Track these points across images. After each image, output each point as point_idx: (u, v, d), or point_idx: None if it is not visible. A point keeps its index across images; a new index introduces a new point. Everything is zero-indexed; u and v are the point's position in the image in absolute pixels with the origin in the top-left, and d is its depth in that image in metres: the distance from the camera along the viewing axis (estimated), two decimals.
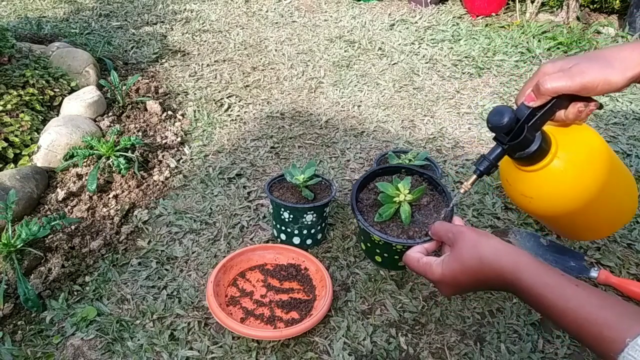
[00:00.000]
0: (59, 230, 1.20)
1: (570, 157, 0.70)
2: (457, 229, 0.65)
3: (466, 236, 0.62)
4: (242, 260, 1.10)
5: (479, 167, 0.68)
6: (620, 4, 2.37)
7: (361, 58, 2.13)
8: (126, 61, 2.09)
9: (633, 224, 1.22)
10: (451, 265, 0.62)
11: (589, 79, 0.60)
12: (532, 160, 0.69)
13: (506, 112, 0.64)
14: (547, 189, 0.71)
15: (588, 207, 0.72)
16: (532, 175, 0.71)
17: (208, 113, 1.74)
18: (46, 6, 2.67)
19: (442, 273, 0.63)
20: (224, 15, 2.60)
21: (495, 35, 2.27)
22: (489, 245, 0.60)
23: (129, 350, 0.96)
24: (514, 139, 0.65)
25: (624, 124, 1.64)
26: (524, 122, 0.65)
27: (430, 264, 0.66)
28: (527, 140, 0.66)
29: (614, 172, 0.74)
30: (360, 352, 0.95)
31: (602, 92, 0.61)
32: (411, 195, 0.90)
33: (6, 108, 1.43)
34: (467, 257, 0.61)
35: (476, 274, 0.60)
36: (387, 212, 0.92)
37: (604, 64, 0.60)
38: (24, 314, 1.04)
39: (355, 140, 1.60)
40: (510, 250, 0.59)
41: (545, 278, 0.55)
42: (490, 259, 0.59)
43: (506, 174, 0.76)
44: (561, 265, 1.10)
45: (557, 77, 0.62)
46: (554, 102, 0.65)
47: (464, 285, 0.62)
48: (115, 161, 1.35)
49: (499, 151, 0.68)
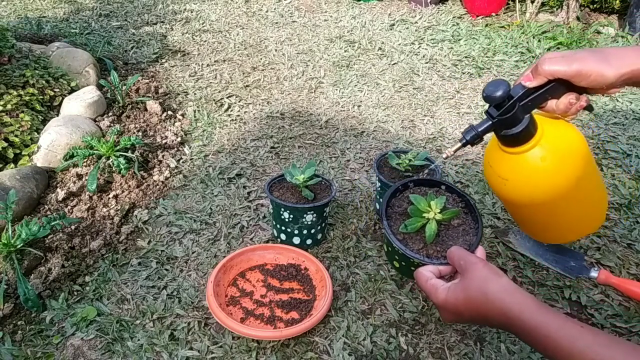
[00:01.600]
0: (59, 230, 1.20)
1: (552, 148, 0.71)
2: (470, 260, 0.65)
3: (477, 269, 0.63)
4: (242, 260, 1.10)
5: (466, 135, 0.71)
6: (620, 4, 2.37)
7: (361, 58, 2.13)
8: (126, 61, 2.09)
9: (633, 224, 1.22)
10: (456, 294, 0.63)
11: (584, 67, 0.63)
12: (515, 141, 0.70)
13: (502, 85, 0.65)
14: (523, 173, 0.73)
15: (558, 203, 0.74)
16: (512, 158, 0.72)
17: (208, 113, 1.74)
18: (46, 6, 2.67)
19: (446, 299, 0.64)
20: (224, 15, 2.60)
21: (495, 35, 2.27)
22: (498, 284, 0.60)
23: (129, 350, 0.96)
24: (504, 114, 0.67)
25: (624, 124, 1.64)
26: (516, 100, 0.67)
27: (436, 287, 0.66)
28: (516, 119, 0.68)
29: (589, 175, 0.76)
30: (360, 352, 0.95)
31: (594, 83, 0.63)
32: (441, 215, 0.87)
33: (6, 108, 1.43)
34: (473, 290, 0.61)
35: (478, 308, 0.60)
36: (413, 225, 0.88)
37: (602, 58, 0.63)
38: (24, 314, 1.04)
39: (355, 140, 1.60)
40: (517, 291, 0.59)
41: (551, 319, 0.55)
42: (496, 297, 0.59)
43: (490, 157, 0.78)
44: (561, 266, 1.10)
45: (555, 60, 0.64)
46: (549, 87, 0.67)
47: (464, 316, 0.63)
48: (115, 161, 1.35)
49: (487, 124, 0.70)
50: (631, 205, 1.28)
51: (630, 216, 1.25)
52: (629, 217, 1.25)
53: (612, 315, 1.01)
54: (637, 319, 0.99)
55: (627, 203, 1.28)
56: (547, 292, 1.06)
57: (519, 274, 1.10)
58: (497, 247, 1.17)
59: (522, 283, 1.08)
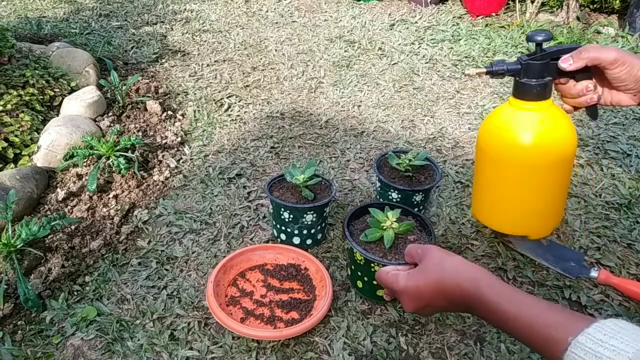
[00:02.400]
0: (59, 230, 1.20)
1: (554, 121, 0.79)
2: (426, 247, 0.69)
3: (433, 252, 0.67)
4: (242, 260, 1.10)
5: (493, 65, 0.79)
6: (620, 4, 2.37)
7: (361, 58, 2.13)
8: (126, 61, 2.09)
9: (633, 223, 1.22)
10: (415, 276, 0.67)
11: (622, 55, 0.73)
12: (526, 94, 0.79)
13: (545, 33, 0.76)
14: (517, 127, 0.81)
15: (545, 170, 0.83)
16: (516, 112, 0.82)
17: (208, 113, 1.74)
18: (46, 6, 2.67)
19: (406, 284, 0.67)
20: (224, 15, 2.60)
21: (495, 35, 2.27)
22: (452, 261, 0.64)
23: (129, 350, 0.96)
24: (533, 60, 0.76)
25: (624, 124, 1.64)
26: (548, 54, 0.77)
27: (396, 275, 0.70)
28: (539, 71, 0.76)
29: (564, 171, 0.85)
30: (360, 352, 0.95)
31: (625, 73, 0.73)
32: (397, 225, 0.96)
33: (6, 108, 1.43)
34: (430, 270, 0.65)
35: (437, 285, 0.63)
36: (373, 235, 0.97)
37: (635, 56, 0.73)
38: (24, 314, 1.04)
39: (355, 140, 1.60)
40: (470, 267, 0.63)
41: (499, 288, 0.58)
42: (451, 272, 0.63)
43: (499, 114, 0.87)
44: (561, 265, 1.10)
45: (597, 48, 0.74)
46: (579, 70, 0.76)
47: (425, 299, 0.65)
48: (115, 161, 1.35)
49: (515, 64, 0.78)
50: (631, 205, 1.28)
51: (630, 216, 1.25)
52: (629, 217, 1.25)
53: (612, 315, 1.01)
54: (637, 319, 0.99)
55: (627, 203, 1.28)
56: (547, 292, 1.06)
57: (519, 274, 1.10)
58: (497, 247, 1.17)
59: (522, 283, 1.08)
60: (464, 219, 1.25)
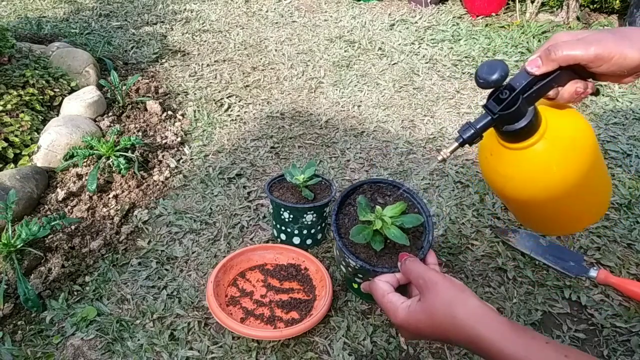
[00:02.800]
0: (59, 230, 1.20)
1: (558, 141, 0.64)
2: (430, 277, 0.59)
3: (440, 289, 0.57)
4: (242, 260, 1.10)
5: (463, 134, 0.62)
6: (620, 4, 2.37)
7: (361, 58, 2.13)
8: (126, 61, 2.09)
9: (633, 223, 1.22)
10: (417, 316, 0.58)
11: (604, 49, 0.55)
12: (518, 136, 0.63)
13: (499, 67, 0.57)
14: (527, 170, 0.66)
15: (565, 197, 0.68)
16: (515, 154, 0.65)
17: (208, 113, 1.74)
18: (46, 6, 2.67)
19: (407, 319, 0.59)
20: (224, 15, 2.60)
21: (495, 35, 2.27)
22: (466, 307, 0.55)
23: (129, 350, 0.96)
24: (506, 109, 0.59)
25: (624, 124, 1.64)
26: (519, 91, 0.59)
27: (396, 305, 0.61)
28: (519, 113, 0.60)
29: (597, 165, 0.70)
30: (360, 352, 0.95)
31: (615, 67, 0.56)
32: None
33: (6, 108, 1.43)
34: (438, 314, 0.56)
35: (445, 332, 0.56)
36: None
37: (621, 37, 0.56)
38: (24, 314, 1.04)
39: (355, 140, 1.60)
40: (488, 316, 0.54)
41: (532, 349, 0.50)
42: (465, 323, 0.54)
43: (490, 147, 0.71)
44: (561, 265, 1.10)
45: (571, 44, 0.56)
46: (557, 74, 0.60)
47: (426, 337, 0.59)
48: (115, 161, 1.35)
49: (487, 120, 0.61)
50: (631, 205, 1.28)
51: (630, 216, 1.25)
52: (629, 217, 1.25)
53: (612, 315, 1.01)
54: (637, 319, 0.99)
55: (627, 203, 1.28)
56: (547, 292, 1.06)
57: (519, 274, 1.10)
58: (497, 246, 1.17)
59: (522, 283, 1.08)
60: (464, 219, 1.25)
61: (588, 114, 1.70)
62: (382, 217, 0.81)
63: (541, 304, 1.04)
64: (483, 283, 1.08)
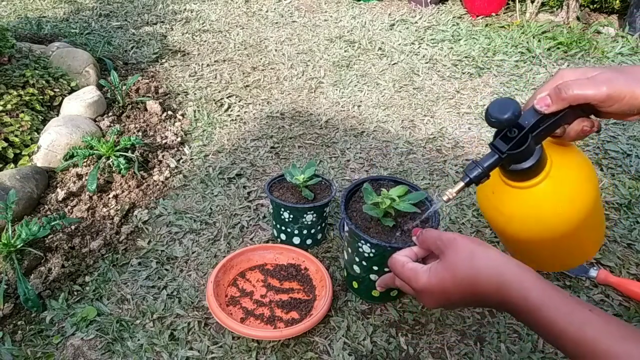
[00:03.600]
0: (59, 230, 1.20)
1: (563, 179, 0.63)
2: (448, 237, 0.59)
3: (459, 244, 0.57)
4: (242, 260, 1.10)
5: (469, 174, 0.61)
6: (620, 4, 2.37)
7: (361, 58, 2.13)
8: (126, 61, 2.09)
9: (633, 223, 1.22)
10: (440, 274, 0.57)
11: (615, 89, 0.55)
12: (524, 175, 0.62)
13: (511, 106, 0.56)
14: (533, 208, 0.65)
15: (570, 235, 0.67)
16: (520, 193, 0.64)
17: (208, 113, 1.75)
18: (46, 6, 2.67)
19: (429, 281, 0.58)
20: (224, 15, 2.60)
21: (495, 35, 2.27)
22: (488, 257, 0.54)
23: (129, 350, 0.96)
24: (515, 148, 0.58)
25: (624, 124, 1.64)
26: (528, 130, 0.58)
27: (416, 270, 0.60)
28: (528, 153, 0.59)
29: (598, 199, 0.69)
30: (360, 352, 0.95)
31: (627, 106, 0.56)
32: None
33: (6, 108, 1.43)
34: (461, 268, 0.55)
35: (470, 286, 0.55)
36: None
37: (631, 77, 0.55)
38: (24, 314, 1.04)
39: (355, 140, 1.60)
40: (513, 264, 0.53)
41: (557, 301, 0.49)
42: (489, 272, 0.53)
43: (492, 185, 0.68)
44: None
45: (582, 84, 0.56)
46: (566, 112, 0.59)
47: (453, 298, 0.57)
48: (115, 161, 1.35)
49: (494, 159, 0.60)
50: (631, 205, 1.28)
51: (630, 216, 1.25)
52: (629, 217, 1.25)
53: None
54: (637, 319, 0.99)
55: (627, 203, 1.28)
56: None
57: None
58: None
59: None
60: (464, 219, 1.25)
61: None
62: (389, 196, 0.88)
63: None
64: None
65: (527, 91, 1.85)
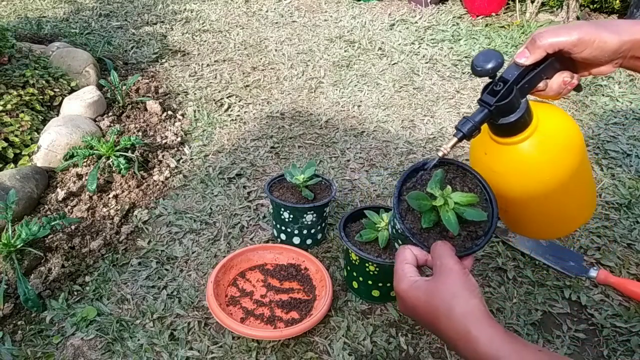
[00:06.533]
0: (59, 230, 1.20)
1: (549, 136, 0.66)
2: (448, 264, 0.58)
3: (450, 278, 0.56)
4: (242, 260, 1.10)
5: (462, 128, 0.63)
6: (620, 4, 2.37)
7: (361, 58, 2.13)
8: (126, 61, 2.09)
9: (633, 223, 1.22)
10: (418, 293, 0.57)
11: (585, 34, 0.59)
12: (510, 130, 0.65)
13: (494, 56, 0.60)
14: (519, 166, 0.67)
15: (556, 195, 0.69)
16: (510, 149, 0.66)
17: (208, 113, 1.74)
18: (46, 6, 2.67)
19: (406, 291, 0.58)
20: (224, 15, 2.60)
21: (495, 35, 2.27)
22: (467, 304, 0.53)
23: (129, 350, 0.96)
24: (502, 100, 0.61)
25: (624, 124, 1.64)
26: (512, 82, 0.62)
27: (405, 274, 0.60)
28: (513, 105, 0.62)
29: (586, 157, 0.71)
30: (360, 352, 0.95)
31: (597, 50, 0.60)
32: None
33: (6, 108, 1.43)
34: (437, 299, 0.55)
35: (437, 319, 0.55)
36: (368, 236, 0.97)
37: (601, 25, 0.60)
38: (24, 314, 1.04)
39: (355, 140, 1.60)
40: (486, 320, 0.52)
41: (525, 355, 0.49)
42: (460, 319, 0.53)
43: (484, 146, 0.71)
44: (561, 265, 1.10)
45: (554, 31, 0.60)
46: (545, 65, 0.63)
47: (418, 317, 0.58)
48: (115, 161, 1.35)
49: (484, 113, 0.62)
50: (631, 205, 1.28)
51: (630, 216, 1.25)
52: (629, 217, 1.25)
53: (612, 315, 1.01)
54: (637, 319, 0.99)
55: (627, 203, 1.28)
56: (547, 292, 1.06)
57: (519, 274, 1.10)
58: (497, 246, 1.17)
59: (522, 283, 1.08)
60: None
61: (588, 114, 1.70)
62: (447, 197, 0.74)
63: (541, 303, 1.04)
64: (483, 283, 1.08)
65: None
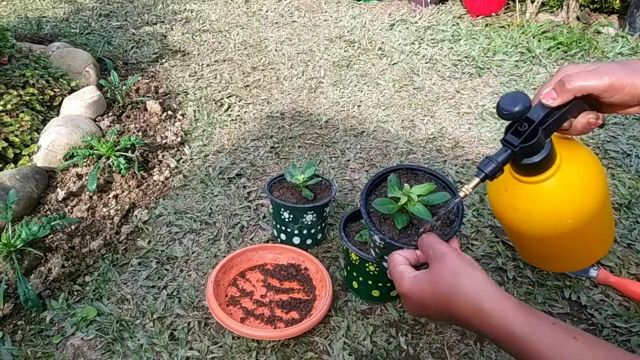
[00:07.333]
0: (59, 230, 1.20)
1: (573, 174, 0.65)
2: (440, 249, 0.58)
3: (447, 260, 0.56)
4: (242, 260, 1.10)
5: (484, 169, 0.61)
6: (620, 4, 2.37)
7: (361, 58, 2.13)
8: (126, 61, 2.09)
9: (633, 223, 1.22)
10: (421, 285, 0.56)
11: (617, 80, 0.57)
12: (536, 169, 0.63)
13: (521, 99, 0.57)
14: (542, 204, 0.66)
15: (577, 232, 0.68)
16: (532, 188, 0.65)
17: (208, 113, 1.74)
18: (46, 6, 2.67)
19: (410, 288, 0.57)
20: (224, 15, 2.60)
21: (495, 35, 2.27)
22: (471, 279, 0.53)
23: (129, 350, 0.96)
24: (526, 141, 0.59)
25: (624, 124, 1.64)
26: (538, 124, 0.59)
27: (403, 274, 0.60)
28: (538, 146, 0.60)
29: (606, 199, 0.70)
30: (360, 352, 0.95)
31: (628, 96, 0.58)
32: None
33: (6, 108, 1.43)
34: (442, 284, 0.55)
35: (448, 304, 0.54)
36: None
37: (631, 69, 0.58)
38: (24, 314, 1.04)
39: (355, 140, 1.60)
40: (495, 292, 0.52)
41: (540, 329, 0.48)
42: (467, 296, 0.52)
43: (504, 183, 0.69)
44: None
45: (584, 75, 0.58)
46: (571, 106, 0.61)
47: (429, 311, 0.57)
48: (115, 161, 1.35)
49: (507, 154, 0.61)
50: (631, 205, 1.28)
51: (630, 216, 1.25)
52: (629, 217, 1.25)
53: (612, 315, 1.01)
54: (637, 319, 0.99)
55: (627, 203, 1.28)
56: (547, 292, 1.06)
57: (519, 274, 1.10)
58: (497, 246, 1.17)
59: (522, 283, 1.08)
60: (464, 219, 1.25)
61: None
62: (409, 193, 0.78)
63: (541, 304, 1.04)
64: None
65: (527, 91, 1.84)
